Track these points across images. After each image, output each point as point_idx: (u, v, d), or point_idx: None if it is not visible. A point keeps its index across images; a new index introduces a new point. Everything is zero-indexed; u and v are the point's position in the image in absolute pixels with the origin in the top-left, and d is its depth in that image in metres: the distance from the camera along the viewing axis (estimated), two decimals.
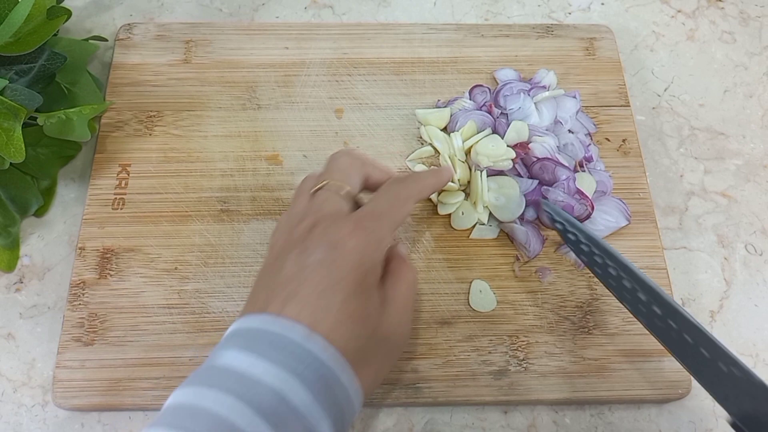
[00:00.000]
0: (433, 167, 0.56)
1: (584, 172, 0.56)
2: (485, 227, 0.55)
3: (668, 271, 0.54)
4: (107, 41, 0.61)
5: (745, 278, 0.57)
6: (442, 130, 0.59)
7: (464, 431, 0.50)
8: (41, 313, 0.53)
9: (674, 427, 0.51)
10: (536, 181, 0.55)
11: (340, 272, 0.39)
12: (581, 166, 0.57)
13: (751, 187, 0.61)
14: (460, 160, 0.56)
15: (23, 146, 0.49)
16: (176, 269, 0.53)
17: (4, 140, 0.48)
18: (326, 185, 0.44)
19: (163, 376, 0.49)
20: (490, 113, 0.59)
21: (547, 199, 0.54)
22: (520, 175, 0.56)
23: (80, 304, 0.51)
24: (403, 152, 0.58)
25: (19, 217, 0.54)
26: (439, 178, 0.48)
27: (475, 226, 0.55)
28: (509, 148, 0.56)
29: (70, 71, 0.56)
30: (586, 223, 0.55)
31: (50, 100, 0.54)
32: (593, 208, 0.54)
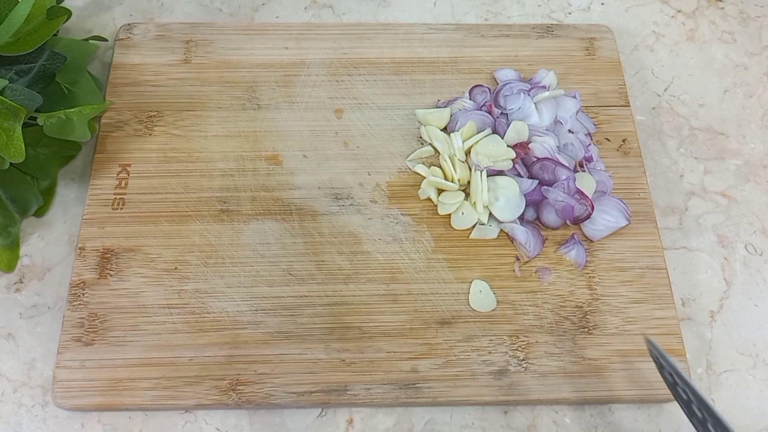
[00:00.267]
0: None
1: (584, 172, 0.56)
2: (485, 227, 0.55)
3: (668, 271, 0.54)
4: (107, 41, 0.61)
5: (745, 278, 0.57)
6: (442, 130, 0.59)
7: (464, 431, 0.50)
8: (41, 313, 0.53)
9: (674, 427, 0.51)
10: (536, 181, 0.55)
11: None
12: (581, 166, 0.57)
13: (751, 187, 0.61)
14: (460, 160, 0.56)
15: (23, 146, 0.49)
16: (176, 269, 0.53)
17: (4, 140, 0.48)
18: None
19: (163, 376, 0.49)
20: (490, 113, 0.59)
21: (546, 199, 0.54)
22: (520, 175, 0.56)
23: (80, 304, 0.51)
24: (403, 152, 0.58)
25: (19, 217, 0.54)
26: None
27: (475, 226, 0.55)
28: (509, 148, 0.56)
29: (70, 71, 0.56)
30: (586, 223, 0.55)
31: (50, 100, 0.54)
32: (593, 208, 0.54)
